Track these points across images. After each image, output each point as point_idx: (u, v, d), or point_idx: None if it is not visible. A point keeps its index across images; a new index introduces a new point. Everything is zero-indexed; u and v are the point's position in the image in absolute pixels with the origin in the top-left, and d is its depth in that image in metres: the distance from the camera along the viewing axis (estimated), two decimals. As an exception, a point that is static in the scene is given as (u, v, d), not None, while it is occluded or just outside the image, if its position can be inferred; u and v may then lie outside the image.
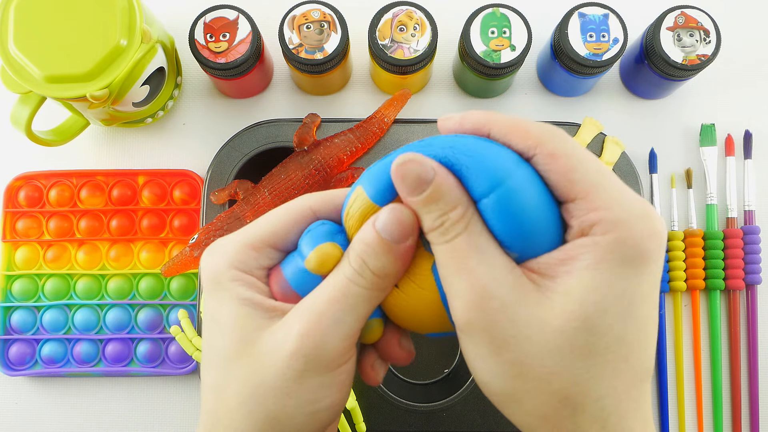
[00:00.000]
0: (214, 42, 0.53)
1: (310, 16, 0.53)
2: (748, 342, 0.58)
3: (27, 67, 0.48)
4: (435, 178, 0.24)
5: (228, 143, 0.56)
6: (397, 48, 0.52)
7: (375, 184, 0.26)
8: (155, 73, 0.52)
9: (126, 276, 0.58)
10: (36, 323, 0.57)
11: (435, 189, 0.24)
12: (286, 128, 0.56)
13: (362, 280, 0.25)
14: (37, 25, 0.48)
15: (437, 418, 0.53)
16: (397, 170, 0.24)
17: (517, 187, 0.24)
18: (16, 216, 0.58)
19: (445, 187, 0.24)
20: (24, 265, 0.58)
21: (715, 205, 0.58)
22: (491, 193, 0.24)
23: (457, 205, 0.24)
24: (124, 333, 0.57)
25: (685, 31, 0.54)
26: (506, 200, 0.24)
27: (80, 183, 0.58)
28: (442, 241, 0.24)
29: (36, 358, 0.57)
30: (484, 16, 0.53)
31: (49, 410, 0.57)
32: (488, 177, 0.24)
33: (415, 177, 0.24)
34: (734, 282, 0.57)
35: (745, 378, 0.58)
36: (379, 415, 0.53)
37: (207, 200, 0.56)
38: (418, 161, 0.24)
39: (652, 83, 0.57)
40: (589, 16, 0.53)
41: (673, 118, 0.60)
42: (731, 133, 0.60)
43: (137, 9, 0.49)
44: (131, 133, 0.60)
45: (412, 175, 0.24)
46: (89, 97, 0.48)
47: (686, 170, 0.59)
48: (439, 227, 0.24)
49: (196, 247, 0.53)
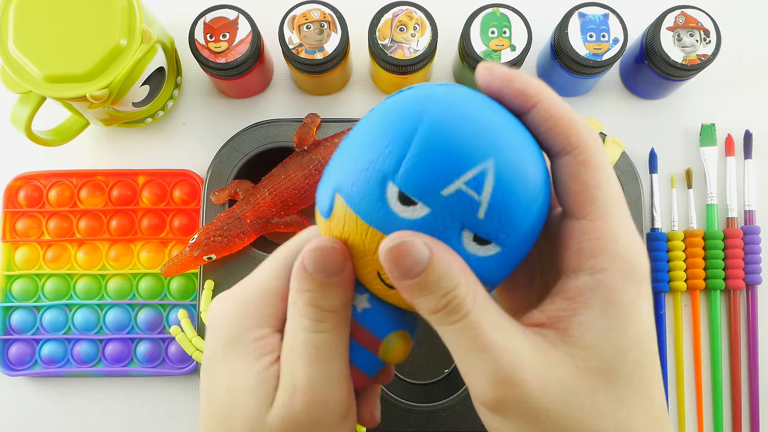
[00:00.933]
0: (214, 42, 0.53)
1: (310, 16, 0.53)
2: (748, 342, 0.58)
3: (27, 67, 0.48)
4: (431, 258, 0.21)
5: (228, 143, 0.56)
6: (397, 48, 0.52)
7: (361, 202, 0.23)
8: (155, 73, 0.52)
9: (126, 276, 0.58)
10: (36, 323, 0.57)
11: (433, 270, 0.21)
12: (286, 128, 0.56)
13: (323, 325, 0.23)
14: (37, 25, 0.48)
15: (437, 418, 0.53)
16: (387, 255, 0.21)
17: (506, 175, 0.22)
18: (16, 216, 0.58)
19: (444, 265, 0.21)
20: (24, 265, 0.58)
21: (715, 205, 0.58)
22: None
23: (460, 280, 0.22)
24: (124, 333, 0.57)
25: (685, 31, 0.54)
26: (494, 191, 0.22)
27: (80, 183, 0.58)
28: (450, 322, 0.22)
29: (36, 358, 0.57)
30: (484, 16, 0.53)
31: (49, 410, 0.57)
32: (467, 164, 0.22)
33: (409, 262, 0.21)
34: (734, 282, 0.57)
35: (745, 378, 0.58)
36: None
37: (207, 200, 0.56)
38: (409, 243, 0.21)
39: (652, 83, 0.57)
40: (589, 16, 0.53)
41: (673, 118, 0.60)
42: (731, 133, 0.60)
43: (137, 9, 0.49)
44: (131, 133, 0.60)
45: (405, 261, 0.21)
46: (89, 97, 0.48)
47: (686, 170, 0.59)
48: (444, 308, 0.22)
49: (196, 247, 0.53)
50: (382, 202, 0.22)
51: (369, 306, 0.25)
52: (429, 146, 0.21)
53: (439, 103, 0.22)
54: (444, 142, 0.22)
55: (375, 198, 0.22)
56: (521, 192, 0.22)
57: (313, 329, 0.24)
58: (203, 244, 0.53)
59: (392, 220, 0.22)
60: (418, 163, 0.21)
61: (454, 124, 0.22)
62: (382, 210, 0.22)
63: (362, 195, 0.22)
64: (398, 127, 0.22)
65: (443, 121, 0.22)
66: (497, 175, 0.22)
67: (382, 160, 0.22)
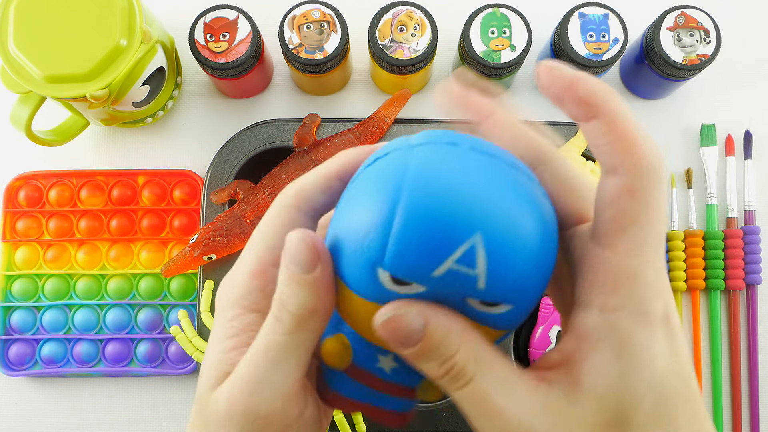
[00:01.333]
0: (214, 42, 0.53)
1: (310, 16, 0.53)
2: (748, 342, 0.58)
3: (27, 67, 0.48)
4: (427, 327, 0.21)
5: (228, 143, 0.56)
6: (397, 48, 0.52)
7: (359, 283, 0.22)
8: (155, 73, 0.52)
9: (126, 276, 0.58)
10: (36, 323, 0.57)
11: (429, 339, 0.21)
12: (286, 128, 0.56)
13: (281, 326, 0.23)
14: (37, 25, 0.48)
15: (437, 418, 0.53)
16: (382, 329, 0.21)
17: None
18: (16, 216, 0.58)
19: (440, 332, 0.21)
20: (24, 265, 0.58)
21: (715, 205, 0.58)
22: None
23: (460, 346, 0.21)
24: (124, 333, 0.57)
25: (685, 31, 0.54)
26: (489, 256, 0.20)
27: (80, 183, 0.58)
28: (455, 388, 0.22)
29: (36, 358, 0.57)
30: (484, 16, 0.53)
31: (49, 410, 0.57)
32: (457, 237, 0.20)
33: (404, 334, 0.21)
34: (734, 282, 0.57)
35: (745, 378, 0.58)
36: (379, 415, 0.53)
37: (207, 200, 0.56)
38: (402, 316, 0.21)
39: (652, 83, 0.57)
40: (589, 16, 0.53)
41: (673, 118, 0.60)
42: (731, 133, 0.60)
43: (137, 9, 0.49)
44: (131, 133, 0.60)
45: (400, 333, 0.21)
46: (89, 97, 0.48)
47: (686, 170, 0.59)
48: (446, 375, 0.21)
49: (196, 247, 0.53)
50: (376, 284, 0.21)
51: (396, 365, 0.25)
52: (410, 230, 0.20)
53: (416, 174, 0.21)
54: (425, 223, 0.20)
55: (369, 282, 0.21)
56: (520, 256, 0.21)
57: (270, 329, 0.23)
58: (203, 244, 0.53)
59: (392, 296, 0.21)
60: (402, 250, 0.20)
61: (434, 201, 0.20)
62: (378, 290, 0.21)
63: (356, 279, 0.22)
64: (378, 208, 0.21)
65: (422, 199, 0.20)
66: (488, 247, 0.20)
67: (367, 247, 0.21)
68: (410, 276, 0.21)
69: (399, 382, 0.25)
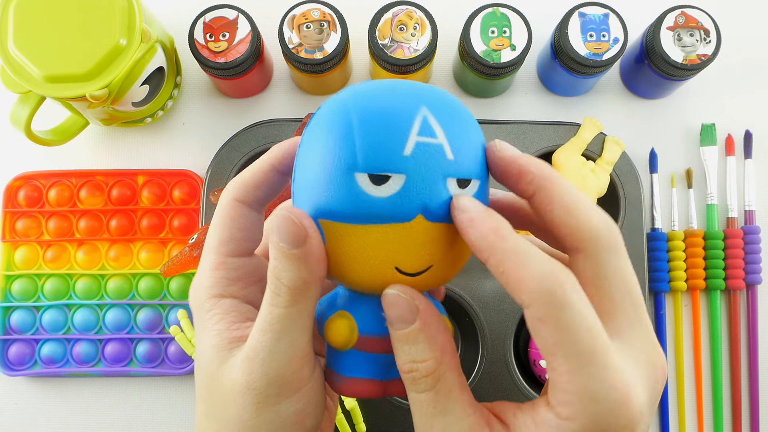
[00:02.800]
0: (213, 42, 0.53)
1: (309, 16, 0.53)
2: (748, 342, 0.58)
3: (27, 67, 0.48)
4: (416, 321, 0.23)
5: (228, 143, 0.56)
6: (397, 47, 0.52)
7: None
8: (155, 72, 0.52)
9: (125, 276, 0.58)
10: (35, 323, 0.57)
11: (413, 332, 0.23)
12: (286, 128, 0.56)
13: (280, 299, 0.24)
14: (37, 25, 0.48)
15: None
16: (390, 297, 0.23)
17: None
18: (15, 216, 0.58)
19: (423, 335, 0.23)
20: (23, 265, 0.58)
21: (716, 205, 0.58)
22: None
23: (429, 359, 0.23)
24: (123, 333, 0.57)
25: (686, 31, 0.53)
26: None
27: (80, 183, 0.58)
28: (410, 389, 0.24)
29: (35, 358, 0.57)
30: (484, 16, 0.53)
31: (48, 410, 0.57)
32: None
33: (409, 306, 0.23)
34: (734, 282, 0.57)
35: (745, 378, 0.58)
36: (379, 415, 0.53)
37: (206, 200, 0.56)
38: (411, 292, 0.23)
39: (652, 83, 0.57)
40: (590, 16, 0.53)
41: (673, 118, 0.60)
42: (731, 133, 0.60)
43: (137, 9, 0.49)
44: (131, 133, 0.60)
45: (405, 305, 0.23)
46: (89, 97, 0.48)
47: (686, 170, 0.59)
48: (408, 372, 0.24)
49: (196, 247, 0.53)
50: (360, 195, 0.22)
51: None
52: (369, 124, 0.23)
53: (357, 91, 0.24)
54: (379, 114, 0.23)
55: (353, 196, 0.23)
56: (461, 118, 0.24)
57: (270, 301, 0.24)
58: (203, 244, 0.52)
59: (380, 207, 0.22)
60: (369, 143, 0.22)
61: (379, 98, 0.23)
62: (365, 203, 0.23)
63: (341, 202, 0.23)
64: (335, 128, 0.23)
65: (369, 100, 0.23)
66: (437, 116, 0.23)
67: (338, 161, 0.23)
68: (385, 164, 0.22)
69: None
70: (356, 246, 0.23)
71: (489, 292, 0.55)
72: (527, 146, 0.56)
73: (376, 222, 0.23)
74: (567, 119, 0.59)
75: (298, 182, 0.24)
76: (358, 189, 0.22)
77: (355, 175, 0.22)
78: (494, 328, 0.54)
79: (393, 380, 0.26)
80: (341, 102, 0.24)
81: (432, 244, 0.23)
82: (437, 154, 0.23)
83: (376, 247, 0.23)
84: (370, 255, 0.23)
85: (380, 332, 0.25)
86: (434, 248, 0.24)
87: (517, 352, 0.56)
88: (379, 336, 0.25)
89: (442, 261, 0.24)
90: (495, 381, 0.54)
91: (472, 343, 0.56)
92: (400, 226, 0.23)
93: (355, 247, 0.23)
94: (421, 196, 0.23)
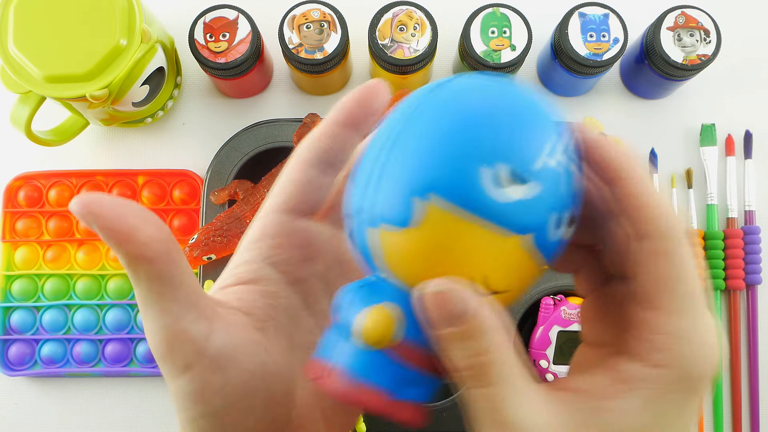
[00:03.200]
0: (213, 42, 0.53)
1: (309, 16, 0.53)
2: (748, 342, 0.58)
3: (27, 67, 0.48)
4: (474, 317, 0.21)
5: (228, 143, 0.56)
6: (397, 48, 0.52)
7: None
8: (155, 73, 0.52)
9: (126, 276, 0.58)
10: (35, 323, 0.57)
11: (475, 322, 0.21)
12: (286, 128, 0.56)
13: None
14: (37, 25, 0.48)
15: (437, 418, 0.53)
16: (432, 297, 0.21)
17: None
18: (15, 216, 0.58)
19: (487, 323, 0.21)
20: (24, 265, 0.58)
21: (716, 205, 0.58)
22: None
23: (497, 345, 0.21)
24: (123, 333, 0.57)
25: (686, 31, 0.53)
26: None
27: (80, 183, 0.58)
28: (473, 385, 0.22)
29: (36, 358, 0.57)
30: (484, 16, 0.53)
31: (48, 410, 0.57)
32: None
33: (454, 309, 0.21)
34: (734, 282, 0.57)
35: (745, 378, 0.58)
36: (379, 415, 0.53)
37: (207, 200, 0.56)
38: (457, 295, 0.21)
39: (652, 83, 0.57)
40: (590, 16, 0.53)
41: (673, 118, 0.60)
42: (731, 133, 0.60)
43: (137, 9, 0.49)
44: (131, 133, 0.60)
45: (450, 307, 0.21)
46: (89, 97, 0.48)
47: (686, 170, 0.59)
48: (470, 369, 0.21)
49: (196, 247, 0.53)
50: (488, 187, 0.20)
51: None
52: (521, 124, 0.22)
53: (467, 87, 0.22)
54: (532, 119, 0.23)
55: (478, 184, 0.20)
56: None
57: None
58: (203, 244, 0.53)
59: (503, 207, 0.20)
60: (519, 139, 0.21)
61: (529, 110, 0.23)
62: (490, 197, 0.20)
63: (463, 184, 0.20)
64: (478, 113, 0.21)
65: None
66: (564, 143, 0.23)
67: (477, 145, 0.20)
68: (526, 166, 0.21)
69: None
70: (460, 240, 0.21)
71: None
72: (527, 146, 0.56)
73: (494, 221, 0.20)
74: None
75: (395, 153, 0.22)
76: (492, 180, 0.20)
77: (496, 165, 0.20)
78: (494, 328, 0.54)
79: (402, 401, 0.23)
80: (503, 81, 0.23)
81: (523, 270, 0.22)
82: (567, 182, 0.21)
83: (471, 248, 0.21)
84: (460, 253, 0.21)
85: (422, 342, 0.22)
86: (521, 273, 0.22)
87: (517, 352, 0.56)
88: (419, 345, 0.22)
89: (518, 288, 0.22)
90: (495, 381, 0.54)
91: (472, 343, 0.55)
92: (511, 238, 0.21)
93: (449, 239, 0.21)
94: (544, 215, 0.21)
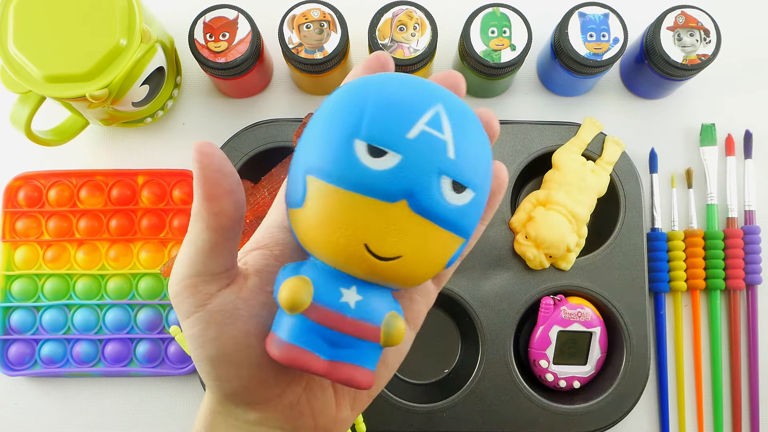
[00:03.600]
0: (213, 42, 0.53)
1: (309, 16, 0.53)
2: (748, 342, 0.58)
3: (27, 67, 0.48)
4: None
5: (228, 143, 0.56)
6: (397, 47, 0.52)
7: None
8: (155, 72, 0.52)
9: (125, 276, 0.58)
10: (35, 323, 0.57)
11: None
12: (286, 128, 0.56)
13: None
14: (37, 25, 0.48)
15: (437, 418, 0.53)
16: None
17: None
18: (15, 216, 0.58)
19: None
20: (23, 265, 0.58)
21: (716, 205, 0.58)
22: None
23: None
24: (123, 333, 0.57)
25: (686, 31, 0.53)
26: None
27: (80, 183, 0.58)
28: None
29: (35, 358, 0.57)
30: (484, 16, 0.53)
31: (49, 410, 0.57)
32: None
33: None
34: (734, 282, 0.57)
35: (745, 378, 0.58)
36: (379, 415, 0.53)
37: (207, 200, 0.55)
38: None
39: (652, 83, 0.57)
40: (590, 16, 0.53)
41: (673, 118, 0.60)
42: (731, 133, 0.60)
43: (137, 9, 0.49)
44: (131, 132, 0.60)
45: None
46: (89, 97, 0.48)
47: (686, 170, 0.59)
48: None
49: (196, 247, 0.53)
50: (353, 161, 0.23)
51: (361, 298, 0.25)
52: (383, 102, 0.23)
53: (380, 77, 0.24)
54: (394, 97, 0.23)
55: (346, 159, 0.23)
56: (475, 131, 0.24)
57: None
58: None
59: (369, 177, 0.22)
60: (377, 116, 0.23)
61: (399, 86, 0.24)
62: (356, 169, 0.23)
63: (333, 162, 0.23)
64: (350, 102, 0.23)
65: (388, 85, 0.24)
66: (450, 117, 0.23)
67: (343, 126, 0.23)
68: (386, 140, 0.23)
69: (364, 318, 0.25)
70: (335, 210, 0.23)
71: (489, 292, 0.55)
72: (527, 146, 0.56)
73: (361, 191, 0.23)
74: (567, 119, 0.59)
75: (299, 146, 0.25)
76: (354, 155, 0.23)
77: (355, 141, 0.23)
78: (494, 328, 0.54)
79: (339, 362, 0.25)
80: (364, 79, 0.24)
81: (407, 235, 0.23)
82: (439, 148, 0.23)
83: (352, 217, 0.23)
84: (345, 223, 0.23)
85: (335, 307, 0.24)
86: (408, 239, 0.23)
87: (517, 352, 0.56)
88: (333, 310, 0.24)
89: (413, 255, 0.24)
90: (495, 381, 0.54)
91: (472, 343, 0.56)
92: (382, 204, 0.23)
93: (333, 211, 0.23)
94: (412, 182, 0.23)
